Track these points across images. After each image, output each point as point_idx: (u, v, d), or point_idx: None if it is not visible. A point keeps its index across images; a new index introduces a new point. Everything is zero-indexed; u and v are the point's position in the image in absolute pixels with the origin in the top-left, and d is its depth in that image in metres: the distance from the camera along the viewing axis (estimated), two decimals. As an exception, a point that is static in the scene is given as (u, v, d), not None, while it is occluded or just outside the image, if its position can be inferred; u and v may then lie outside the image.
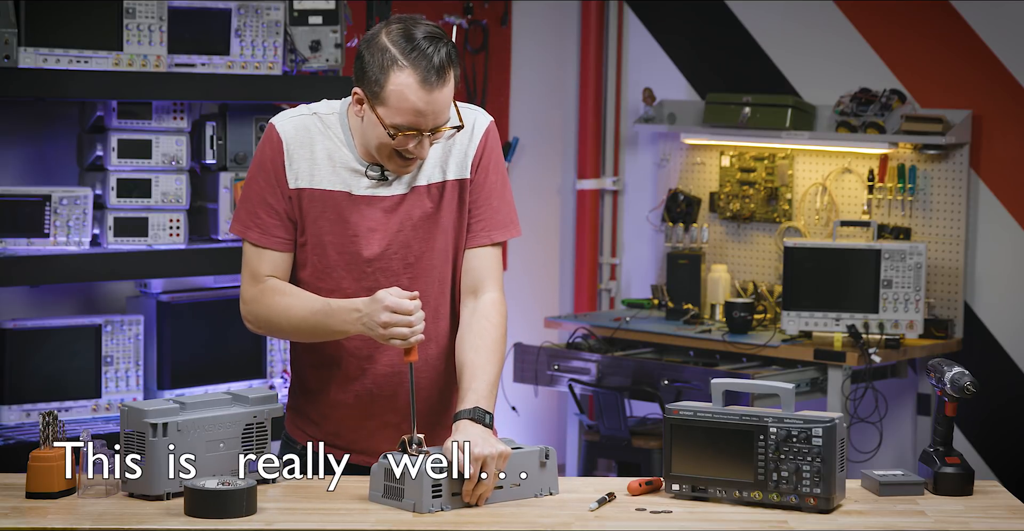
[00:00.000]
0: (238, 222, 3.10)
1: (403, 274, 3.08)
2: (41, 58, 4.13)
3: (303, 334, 3.09)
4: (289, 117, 3.10)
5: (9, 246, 4.16)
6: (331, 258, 3.07)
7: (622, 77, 6.51)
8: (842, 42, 5.93)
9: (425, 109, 2.95)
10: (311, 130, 3.08)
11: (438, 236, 3.09)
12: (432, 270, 3.10)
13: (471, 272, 3.12)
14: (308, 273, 3.10)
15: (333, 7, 4.64)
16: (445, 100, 2.97)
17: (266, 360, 4.68)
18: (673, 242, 6.12)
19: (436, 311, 3.11)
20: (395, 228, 3.07)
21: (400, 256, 3.08)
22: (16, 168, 4.48)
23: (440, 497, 2.81)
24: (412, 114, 2.95)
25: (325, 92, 4.68)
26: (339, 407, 3.14)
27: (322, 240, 3.07)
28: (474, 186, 3.11)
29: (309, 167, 3.06)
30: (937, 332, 5.58)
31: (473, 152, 3.11)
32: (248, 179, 3.11)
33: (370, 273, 3.07)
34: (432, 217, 3.08)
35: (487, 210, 3.12)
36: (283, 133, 3.07)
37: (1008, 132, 5.59)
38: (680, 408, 2.95)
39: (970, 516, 2.86)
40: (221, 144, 4.53)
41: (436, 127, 2.99)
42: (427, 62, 2.92)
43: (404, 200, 3.07)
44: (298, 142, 3.07)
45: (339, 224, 3.06)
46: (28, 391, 4.25)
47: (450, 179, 3.09)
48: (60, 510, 2.80)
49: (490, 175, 3.12)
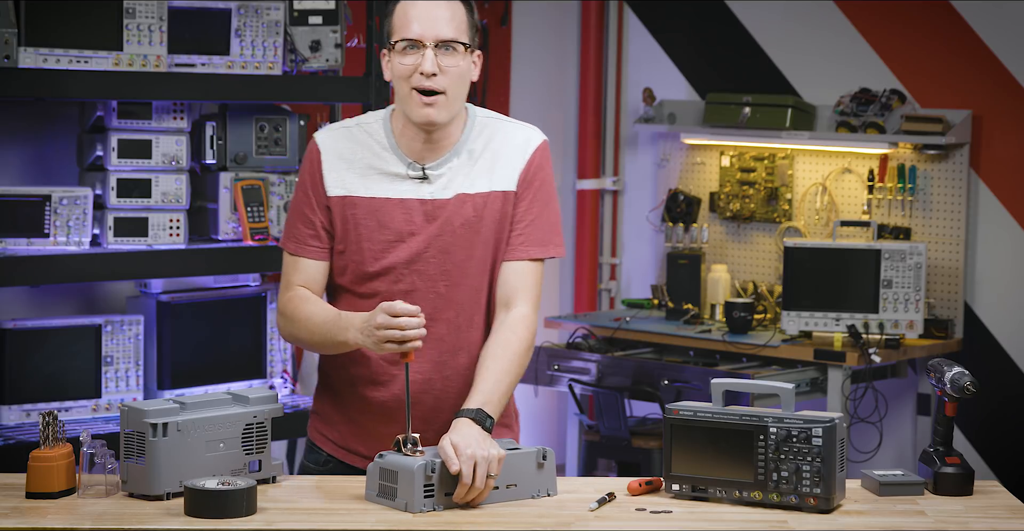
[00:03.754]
0: (283, 234, 3.20)
1: (440, 280, 3.09)
2: (41, 58, 4.13)
3: (316, 344, 3.12)
4: (329, 130, 3.18)
5: (9, 246, 4.16)
6: (369, 263, 3.09)
7: (622, 77, 6.51)
8: (842, 42, 5.93)
9: (421, 14, 3.00)
10: (351, 140, 3.13)
11: (478, 245, 3.10)
12: (469, 278, 3.11)
13: (505, 285, 3.13)
14: (347, 279, 3.13)
15: (333, 7, 4.64)
16: (445, 14, 3.02)
17: (266, 360, 4.68)
18: (673, 242, 6.12)
19: (470, 320, 3.12)
20: (435, 232, 3.08)
21: (438, 261, 3.09)
22: (16, 168, 4.48)
23: (432, 497, 2.81)
24: (408, 22, 3.01)
25: (325, 92, 4.70)
26: (365, 411, 3.14)
27: (361, 246, 3.10)
28: (518, 200, 3.13)
29: (349, 175, 3.11)
30: (937, 332, 5.58)
31: (522, 167, 3.13)
32: (293, 193, 3.21)
33: (406, 276, 3.09)
34: (473, 226, 3.09)
35: (528, 226, 3.13)
36: (321, 145, 3.14)
37: (1008, 132, 5.59)
38: (680, 408, 2.95)
39: (970, 516, 2.86)
40: (221, 144, 4.53)
41: (438, 39, 3.01)
42: None
43: (446, 205, 3.09)
44: (336, 153, 3.12)
45: (378, 230, 3.09)
46: (28, 391, 4.25)
47: (495, 190, 3.11)
48: (60, 510, 2.80)
49: (536, 192, 3.14)
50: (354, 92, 4.73)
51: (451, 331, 3.11)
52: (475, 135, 3.14)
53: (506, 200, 3.12)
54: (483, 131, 3.14)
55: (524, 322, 3.10)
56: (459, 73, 3.04)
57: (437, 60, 3.01)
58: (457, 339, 3.09)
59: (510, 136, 3.15)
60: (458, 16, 3.03)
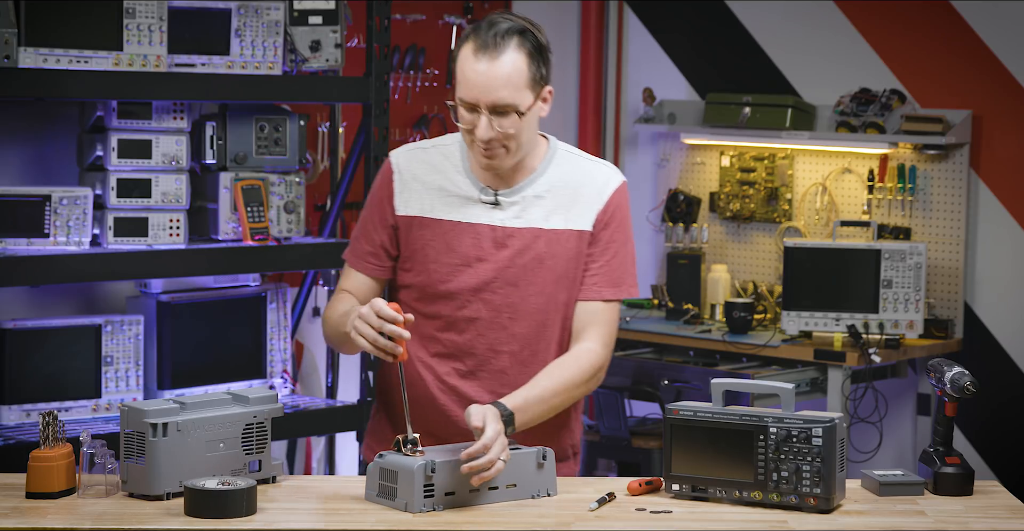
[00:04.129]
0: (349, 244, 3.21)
1: (504, 312, 3.09)
2: (41, 58, 4.13)
3: (333, 339, 3.13)
4: (405, 150, 3.17)
5: (9, 246, 4.16)
6: (434, 285, 3.09)
7: (622, 77, 6.51)
8: (842, 42, 5.93)
9: (477, 79, 2.94)
10: (425, 161, 3.13)
11: (549, 282, 3.09)
12: (535, 314, 3.10)
13: (577, 322, 3.14)
14: (410, 295, 3.13)
15: (333, 7, 4.64)
16: (501, 76, 2.94)
17: (266, 360, 4.68)
18: (673, 242, 6.12)
19: (534, 355, 3.11)
20: (505, 263, 3.08)
21: (505, 292, 3.08)
22: (16, 168, 4.47)
23: (432, 497, 2.81)
24: (466, 83, 2.96)
25: (325, 92, 4.70)
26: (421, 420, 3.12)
27: (427, 268, 3.09)
28: (595, 240, 3.12)
29: (420, 196, 3.10)
30: (937, 332, 5.58)
31: (600, 208, 3.12)
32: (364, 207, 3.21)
33: (472, 303, 3.08)
34: (544, 261, 3.08)
35: (604, 267, 3.13)
36: (396, 164, 3.14)
37: (1008, 132, 5.59)
38: (680, 408, 2.95)
39: (970, 516, 2.86)
40: (221, 144, 4.53)
41: (494, 106, 2.96)
42: (485, 33, 2.96)
43: (516, 235, 3.08)
44: (411, 173, 3.12)
45: (446, 252, 3.08)
46: (28, 391, 4.25)
47: (571, 228, 3.10)
48: (60, 510, 2.80)
49: (613, 233, 3.13)
50: (354, 92, 4.73)
51: (513, 365, 3.10)
52: (554, 167, 3.13)
53: (581, 239, 3.11)
54: (562, 165, 3.13)
55: (589, 355, 3.11)
56: (518, 131, 3.00)
57: (493, 124, 2.97)
58: (519, 374, 3.07)
59: (590, 175, 3.14)
60: (517, 73, 2.95)
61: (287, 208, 4.59)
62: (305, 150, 4.70)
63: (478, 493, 2.86)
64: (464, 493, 2.84)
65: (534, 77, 2.98)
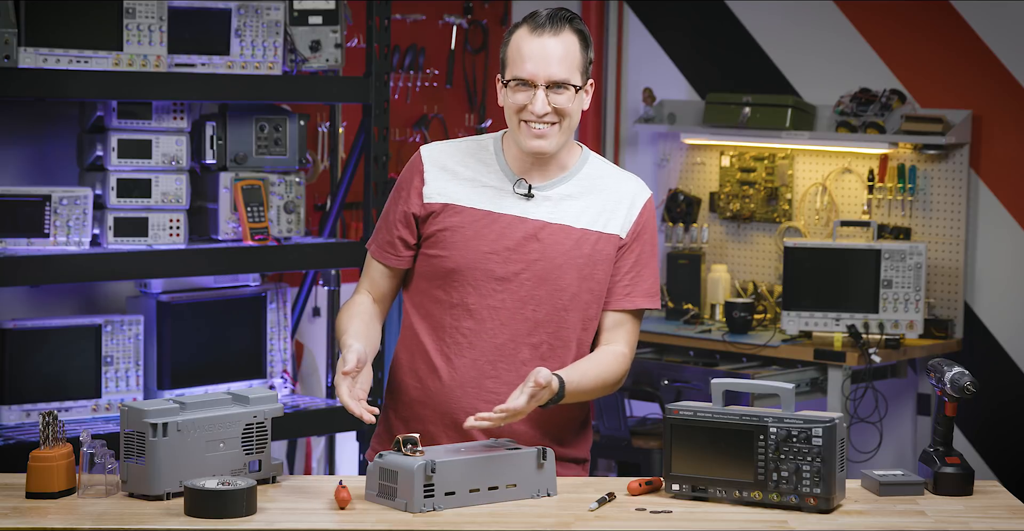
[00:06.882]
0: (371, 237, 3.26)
1: (529, 304, 3.11)
2: (41, 58, 4.13)
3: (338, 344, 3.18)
4: (436, 143, 3.22)
5: (9, 246, 4.16)
6: (462, 273, 3.11)
7: (622, 77, 6.51)
8: (842, 42, 5.94)
9: (534, 54, 3.02)
10: (458, 152, 3.17)
11: (575, 279, 3.12)
12: (560, 310, 3.12)
13: (605, 332, 3.18)
14: (435, 285, 3.15)
15: (333, 7, 4.64)
16: (558, 52, 3.03)
17: (266, 360, 4.68)
18: (673, 242, 6.12)
19: (553, 351, 3.14)
20: (534, 256, 3.10)
21: (531, 284, 3.10)
22: (16, 168, 4.48)
23: (432, 497, 2.81)
24: (523, 60, 3.03)
25: (325, 92, 4.70)
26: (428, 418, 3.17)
27: (454, 255, 3.11)
28: (627, 251, 3.16)
29: (452, 185, 3.14)
30: (937, 332, 5.59)
31: (633, 220, 3.16)
32: (388, 199, 3.25)
33: (497, 292, 3.10)
34: (573, 259, 3.11)
35: (633, 277, 3.17)
36: (426, 156, 3.18)
37: (1008, 132, 5.59)
38: (680, 408, 2.95)
39: (970, 516, 2.86)
40: (221, 144, 4.53)
41: (550, 81, 3.02)
42: (541, 16, 3.06)
43: (547, 229, 3.11)
44: (440, 164, 3.16)
45: (475, 240, 3.10)
46: (28, 391, 4.25)
47: (602, 231, 3.13)
48: (60, 510, 2.80)
49: (644, 245, 3.19)
50: (354, 92, 4.73)
51: (534, 358, 3.12)
52: (587, 169, 3.17)
53: (610, 244, 3.14)
54: (593, 170, 3.18)
55: (618, 357, 3.15)
56: (570, 109, 3.06)
57: (548, 99, 3.03)
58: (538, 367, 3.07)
59: (620, 184, 3.18)
60: (571, 53, 3.04)
61: (287, 208, 4.59)
62: (305, 150, 4.70)
63: (478, 493, 2.86)
64: (464, 493, 2.84)
65: (584, 62, 3.08)
